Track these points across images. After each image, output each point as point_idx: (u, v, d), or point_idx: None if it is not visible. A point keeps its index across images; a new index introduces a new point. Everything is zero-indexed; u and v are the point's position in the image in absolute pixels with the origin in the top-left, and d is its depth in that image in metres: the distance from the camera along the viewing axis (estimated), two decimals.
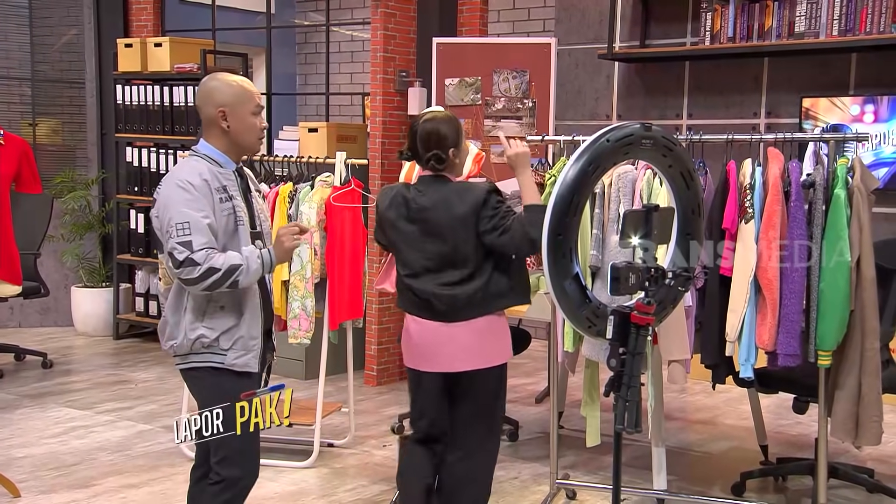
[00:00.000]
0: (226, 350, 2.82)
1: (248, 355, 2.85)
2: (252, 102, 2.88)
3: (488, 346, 3.20)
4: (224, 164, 2.88)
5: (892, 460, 4.65)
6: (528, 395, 5.86)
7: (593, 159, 2.99)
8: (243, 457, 2.86)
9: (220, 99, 2.86)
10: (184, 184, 2.75)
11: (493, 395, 3.28)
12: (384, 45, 5.84)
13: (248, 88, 2.90)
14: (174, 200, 2.73)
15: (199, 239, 2.69)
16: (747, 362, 3.62)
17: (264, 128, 2.94)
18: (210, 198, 2.77)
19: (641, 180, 3.72)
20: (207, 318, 2.81)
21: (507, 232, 3.05)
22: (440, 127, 3.17)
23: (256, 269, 2.77)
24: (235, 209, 2.83)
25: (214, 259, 2.69)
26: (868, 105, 5.54)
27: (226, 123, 2.86)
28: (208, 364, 2.83)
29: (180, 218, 2.70)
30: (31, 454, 4.58)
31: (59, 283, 7.33)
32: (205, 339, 2.81)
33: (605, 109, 6.63)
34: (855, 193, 3.43)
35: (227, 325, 2.82)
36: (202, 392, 2.87)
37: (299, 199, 4.41)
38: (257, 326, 2.88)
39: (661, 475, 3.91)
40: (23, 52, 7.56)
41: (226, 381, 2.82)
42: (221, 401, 2.75)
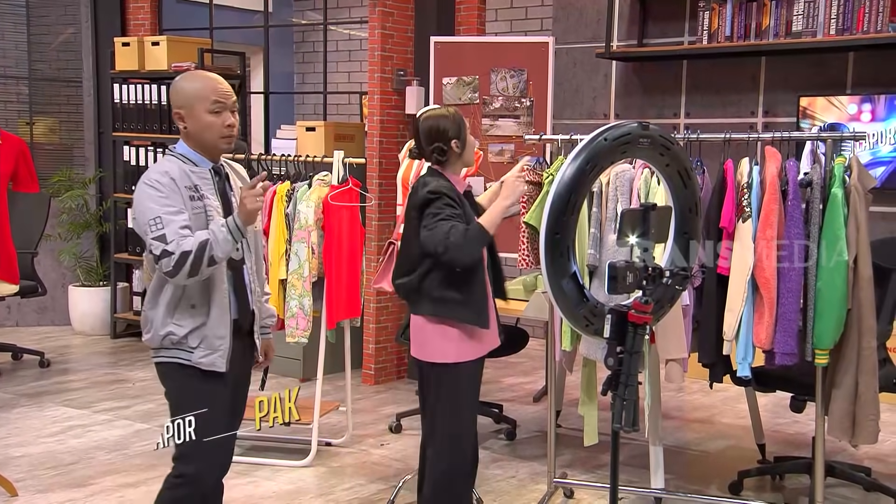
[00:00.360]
0: (193, 348, 2.83)
1: (214, 354, 2.84)
2: (208, 100, 2.82)
3: (428, 341, 3.23)
4: (198, 163, 2.87)
5: (889, 459, 4.66)
6: (525, 393, 5.86)
7: (591, 158, 2.99)
8: (200, 452, 2.83)
9: (176, 101, 2.86)
10: (151, 182, 2.76)
11: (434, 394, 3.26)
12: (382, 44, 5.84)
13: (204, 85, 2.83)
14: (144, 199, 2.76)
15: (171, 231, 2.71)
16: (745, 361, 3.63)
17: (229, 125, 2.86)
18: (179, 195, 2.77)
19: (639, 179, 3.73)
20: (178, 315, 2.82)
21: (429, 230, 3.08)
22: (439, 122, 3.26)
23: (224, 236, 2.73)
24: (206, 208, 2.82)
25: (184, 243, 2.70)
26: (865, 104, 5.55)
27: (183, 125, 2.86)
28: (176, 360, 2.85)
29: (151, 214, 2.72)
30: (29, 453, 4.58)
31: (57, 282, 7.33)
32: (174, 336, 2.83)
33: (602, 108, 6.63)
34: (852, 192, 3.43)
35: (196, 324, 2.82)
36: (169, 387, 2.92)
37: (297, 198, 4.41)
38: (225, 326, 2.86)
39: (659, 474, 3.92)
40: (20, 51, 7.56)
41: (192, 379, 2.85)
42: (186, 397, 2.84)
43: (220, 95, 2.84)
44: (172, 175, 2.78)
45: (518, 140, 5.50)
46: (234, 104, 2.89)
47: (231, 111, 2.88)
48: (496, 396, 5.70)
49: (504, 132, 5.58)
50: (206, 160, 2.89)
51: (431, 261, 3.13)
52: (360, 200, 4.55)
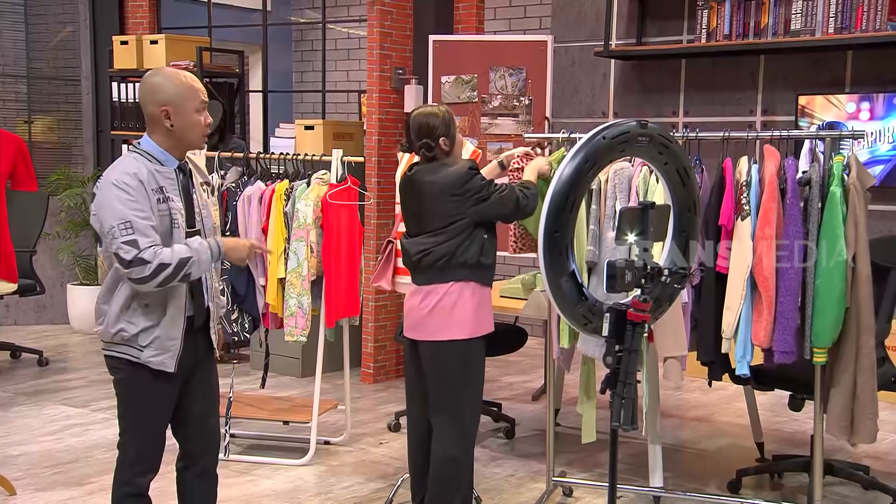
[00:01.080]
0: (143, 347, 2.84)
1: (164, 355, 2.85)
2: (196, 99, 2.85)
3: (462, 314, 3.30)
4: (165, 162, 2.85)
5: (888, 457, 4.66)
6: (524, 392, 5.86)
7: (590, 156, 2.99)
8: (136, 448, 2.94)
9: (163, 97, 2.82)
10: (120, 183, 2.73)
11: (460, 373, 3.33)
12: (381, 43, 5.83)
13: (192, 85, 2.86)
14: (112, 200, 2.72)
15: (144, 238, 2.70)
16: (743, 359, 3.63)
17: (209, 124, 2.91)
18: (147, 199, 2.75)
19: (638, 177, 3.73)
20: (130, 313, 2.82)
21: (500, 194, 3.32)
22: (429, 119, 3.37)
23: (206, 259, 2.81)
24: (171, 210, 2.81)
25: (163, 255, 2.71)
26: (864, 102, 5.55)
27: (169, 122, 2.83)
28: (126, 356, 2.86)
29: (121, 217, 2.70)
30: (27, 452, 4.58)
31: (55, 281, 7.33)
32: (125, 333, 2.83)
33: (601, 107, 6.63)
34: (851, 191, 3.43)
35: (147, 324, 2.83)
36: (117, 381, 2.94)
37: (296, 196, 4.41)
38: (178, 328, 2.86)
39: (658, 472, 3.92)
40: (18, 50, 7.55)
41: (141, 377, 2.87)
42: (131, 392, 2.90)
43: (204, 95, 2.89)
44: (140, 177, 2.75)
45: (517, 138, 5.49)
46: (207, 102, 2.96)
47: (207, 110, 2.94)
48: (495, 395, 5.70)
49: (503, 131, 5.58)
50: (172, 158, 2.87)
51: (474, 228, 3.29)
52: (358, 199, 4.55)
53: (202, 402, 3.04)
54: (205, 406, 3.05)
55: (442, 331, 3.30)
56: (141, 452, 2.94)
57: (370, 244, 5.78)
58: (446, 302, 3.29)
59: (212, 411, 3.09)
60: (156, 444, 2.95)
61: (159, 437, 2.95)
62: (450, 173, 3.30)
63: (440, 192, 3.29)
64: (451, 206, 3.28)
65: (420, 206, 3.36)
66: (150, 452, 2.95)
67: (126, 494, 2.97)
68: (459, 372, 3.33)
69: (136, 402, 2.91)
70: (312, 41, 9.58)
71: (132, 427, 2.94)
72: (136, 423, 2.93)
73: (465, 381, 3.34)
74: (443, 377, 3.34)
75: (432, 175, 3.33)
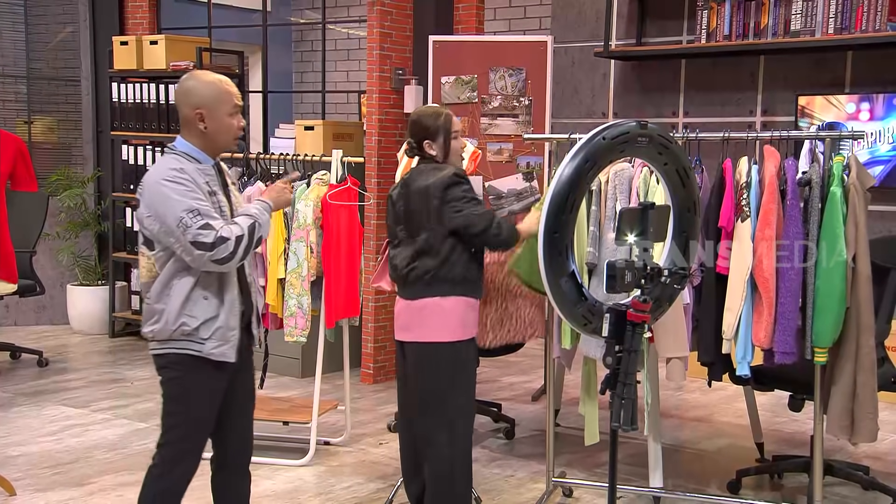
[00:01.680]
0: (205, 339, 2.87)
1: (225, 346, 2.90)
2: (230, 103, 2.91)
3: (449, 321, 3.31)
4: (203, 161, 2.92)
5: (887, 457, 4.66)
6: (524, 392, 5.86)
7: (589, 157, 2.99)
8: (191, 440, 2.94)
9: (197, 100, 2.89)
10: (172, 178, 2.80)
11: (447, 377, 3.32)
12: (380, 43, 5.84)
13: (226, 89, 2.91)
14: (169, 195, 2.78)
15: (215, 220, 2.80)
16: (744, 360, 3.63)
17: (242, 127, 2.96)
18: (199, 189, 2.84)
19: (638, 178, 3.73)
20: (190, 307, 2.86)
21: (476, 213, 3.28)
22: (423, 119, 3.42)
23: (266, 218, 2.95)
24: (219, 204, 2.90)
25: (234, 229, 2.82)
26: (864, 103, 5.55)
27: (203, 125, 2.89)
28: (186, 352, 2.88)
29: (186, 207, 2.77)
30: (27, 452, 4.58)
31: (55, 281, 7.33)
32: (186, 327, 2.86)
33: (601, 107, 6.63)
34: (851, 191, 3.43)
35: (209, 315, 2.87)
36: (171, 377, 2.93)
37: (295, 197, 4.41)
38: (236, 318, 2.93)
39: (658, 473, 3.92)
40: (18, 50, 7.55)
41: (199, 371, 2.89)
42: (192, 389, 2.90)
43: (238, 99, 2.94)
44: (189, 172, 2.84)
45: (517, 139, 5.50)
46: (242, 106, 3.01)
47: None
48: (495, 395, 5.70)
49: (503, 131, 5.58)
50: (208, 157, 2.95)
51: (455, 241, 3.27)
52: (358, 199, 4.55)
53: (242, 400, 3.08)
54: (244, 405, 3.10)
55: (428, 333, 3.30)
56: (186, 449, 2.94)
57: (370, 245, 5.78)
58: (434, 306, 3.29)
59: (250, 410, 3.14)
60: (202, 441, 2.97)
61: (206, 435, 2.98)
62: (437, 176, 3.30)
63: (424, 193, 3.30)
64: (432, 209, 3.28)
65: (407, 207, 3.37)
66: (195, 450, 2.96)
67: (164, 491, 2.94)
68: (445, 374, 3.32)
69: (192, 398, 2.91)
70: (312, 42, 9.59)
71: (183, 424, 2.93)
72: (189, 421, 2.93)
73: (452, 384, 3.33)
74: (427, 379, 3.34)
75: (421, 176, 3.35)
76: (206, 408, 2.94)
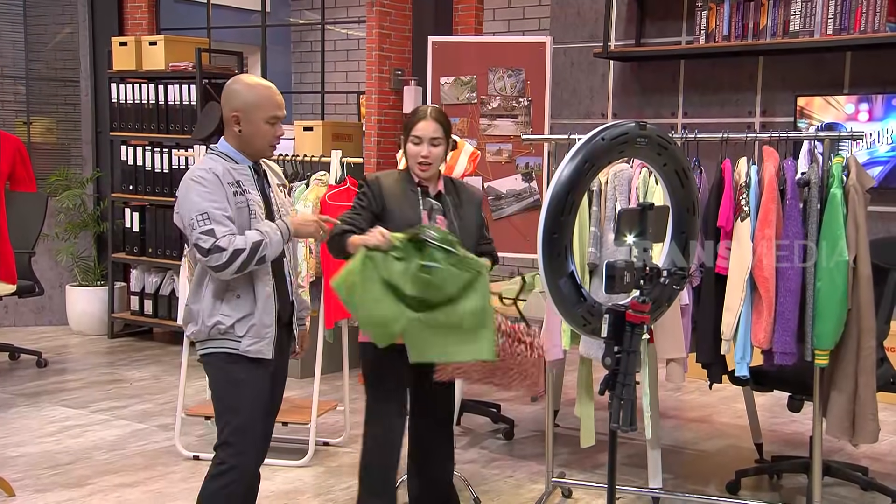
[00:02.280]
0: (241, 337, 2.92)
1: (261, 342, 2.94)
2: (268, 111, 2.95)
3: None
4: (239, 161, 2.98)
5: (886, 458, 4.66)
6: (523, 393, 5.86)
7: (588, 158, 2.99)
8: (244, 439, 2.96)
9: (235, 103, 2.96)
10: (197, 178, 2.88)
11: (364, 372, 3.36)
12: (379, 44, 5.84)
13: (266, 95, 2.96)
14: (190, 194, 2.86)
15: (221, 227, 2.82)
16: (743, 361, 3.63)
17: (279, 136, 3.01)
18: (223, 190, 2.88)
19: (637, 179, 3.73)
20: (224, 305, 2.92)
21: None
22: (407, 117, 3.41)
23: (277, 240, 2.90)
24: (249, 203, 2.93)
25: (237, 241, 2.82)
26: (863, 104, 5.55)
27: (238, 127, 2.96)
28: (223, 350, 2.94)
29: (198, 209, 2.83)
30: (26, 453, 4.57)
31: (54, 282, 7.32)
32: (221, 325, 2.91)
33: (600, 108, 6.63)
34: (850, 192, 3.43)
35: (243, 313, 2.92)
36: (216, 376, 2.99)
37: (295, 197, 4.41)
38: (271, 315, 2.96)
39: (657, 474, 3.92)
40: (17, 51, 7.55)
41: (238, 368, 2.94)
42: (231, 386, 2.94)
43: (278, 110, 2.98)
44: (216, 171, 2.90)
45: (516, 139, 5.50)
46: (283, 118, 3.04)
47: (281, 123, 3.03)
48: (494, 396, 5.70)
49: (502, 132, 5.58)
50: (245, 158, 3.00)
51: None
52: None
53: (273, 404, 3.10)
54: (273, 410, 3.13)
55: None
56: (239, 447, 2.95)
57: None
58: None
59: (275, 416, 3.16)
60: (255, 438, 2.99)
61: (256, 432, 2.99)
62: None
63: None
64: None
65: None
66: (248, 449, 2.97)
67: (227, 493, 2.95)
68: (366, 374, 3.35)
69: (235, 396, 2.94)
70: (311, 42, 9.59)
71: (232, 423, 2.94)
72: (236, 419, 2.94)
73: (368, 383, 3.35)
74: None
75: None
76: (251, 405, 2.96)
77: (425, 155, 3.19)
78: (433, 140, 3.20)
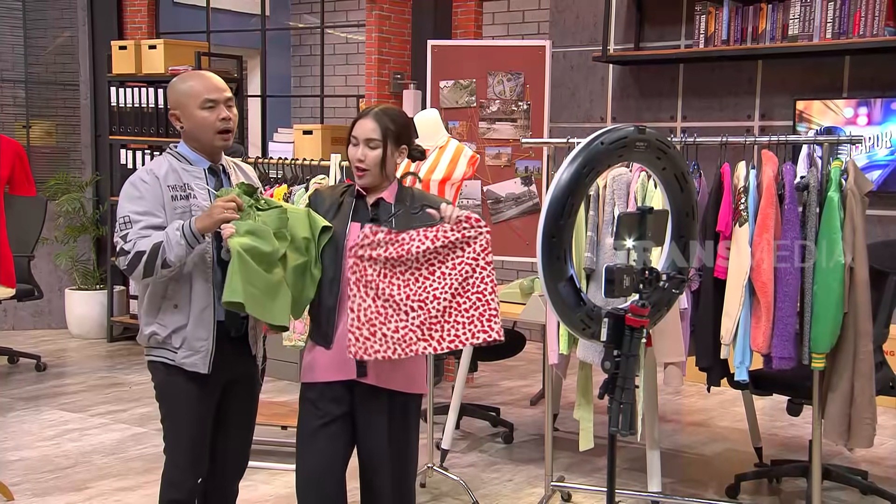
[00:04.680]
0: (176, 348, 2.82)
1: (196, 356, 2.81)
2: (199, 97, 2.80)
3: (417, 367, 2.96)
4: (194, 162, 2.87)
5: (886, 462, 4.66)
6: (522, 397, 5.86)
7: (587, 161, 2.99)
8: (175, 454, 2.91)
9: (170, 102, 2.88)
10: (135, 180, 2.79)
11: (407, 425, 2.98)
12: (379, 48, 5.85)
13: (191, 84, 2.82)
14: (121, 198, 2.80)
15: (134, 231, 2.72)
16: (742, 365, 3.63)
17: (224, 119, 2.82)
18: (159, 195, 2.76)
19: (636, 183, 3.73)
20: (161, 315, 2.82)
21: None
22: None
23: (178, 241, 2.67)
24: (192, 207, 2.79)
25: (140, 243, 2.70)
26: (861, 108, 5.56)
27: (180, 124, 2.86)
28: (161, 360, 2.86)
29: (122, 213, 2.76)
30: (25, 457, 4.57)
31: (53, 286, 7.32)
32: (157, 336, 2.83)
33: (599, 112, 6.63)
34: (849, 196, 3.43)
35: (177, 325, 2.81)
36: (156, 386, 2.93)
37: (294, 201, 4.40)
38: (206, 328, 2.81)
39: (656, 477, 3.92)
40: (16, 54, 7.55)
41: (176, 380, 2.85)
42: (169, 398, 2.88)
43: (210, 92, 2.81)
44: (157, 173, 2.79)
45: (515, 143, 5.50)
46: (228, 99, 2.86)
47: (226, 105, 2.84)
48: (493, 400, 5.70)
49: (501, 135, 5.58)
50: (203, 160, 2.88)
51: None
52: None
53: (238, 414, 3.00)
54: (238, 424, 3.02)
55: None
56: (181, 460, 2.90)
57: None
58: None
59: (245, 427, 3.06)
60: (198, 450, 2.91)
61: (198, 442, 2.91)
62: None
63: None
64: None
65: None
66: (189, 457, 2.90)
67: (170, 501, 2.93)
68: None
69: (173, 405, 2.89)
70: (311, 46, 9.59)
71: (171, 433, 2.91)
72: (175, 430, 2.90)
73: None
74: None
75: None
76: (188, 417, 2.87)
77: (360, 158, 2.80)
78: (369, 141, 2.79)
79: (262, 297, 2.67)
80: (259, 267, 2.67)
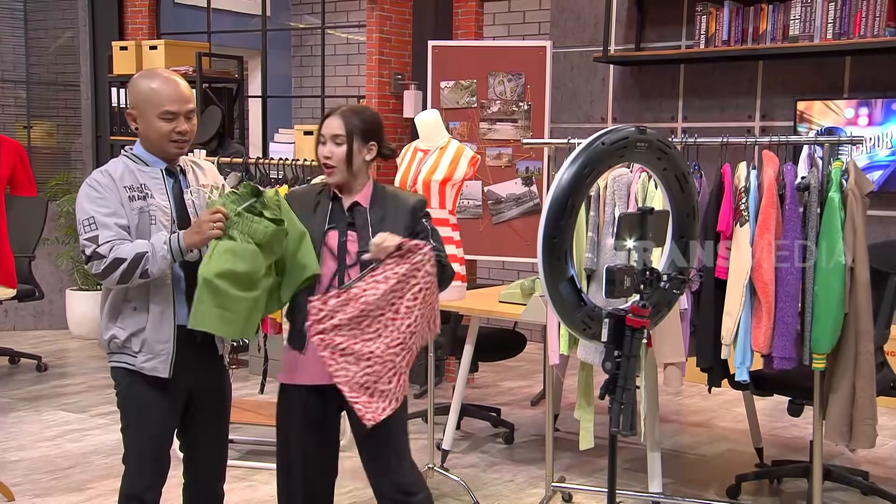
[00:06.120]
0: (136, 352, 2.76)
1: (156, 360, 2.75)
2: (159, 108, 2.70)
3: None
4: (150, 163, 2.78)
5: (887, 463, 4.66)
6: (523, 397, 5.86)
7: (588, 162, 2.99)
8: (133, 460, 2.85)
9: (130, 100, 2.79)
10: (92, 181, 2.71)
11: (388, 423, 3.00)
12: (380, 48, 5.85)
13: (158, 91, 2.71)
14: (81, 198, 2.71)
15: (106, 233, 2.64)
16: (743, 365, 3.63)
17: (180, 132, 2.73)
18: (117, 195, 2.69)
19: (636, 183, 3.73)
20: (120, 318, 2.75)
21: None
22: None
23: (164, 255, 2.63)
24: (150, 208, 2.72)
25: (119, 250, 2.63)
26: (862, 108, 5.56)
27: (135, 125, 2.77)
28: (122, 365, 2.80)
29: (85, 214, 2.67)
30: (26, 458, 4.57)
31: (54, 286, 7.32)
32: (117, 339, 2.77)
33: (600, 112, 6.63)
34: (849, 196, 3.43)
35: (136, 327, 2.74)
36: (117, 392, 2.87)
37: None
38: (167, 331, 2.74)
39: (657, 478, 3.92)
40: (17, 55, 7.56)
41: (138, 385, 2.79)
42: (132, 403, 2.81)
43: (172, 104, 2.71)
44: (113, 174, 2.71)
45: (516, 144, 5.50)
46: (189, 111, 2.76)
47: (185, 117, 2.75)
48: (494, 400, 5.70)
49: (502, 136, 5.59)
50: (159, 161, 2.79)
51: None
52: None
53: (209, 417, 2.95)
54: (212, 422, 2.97)
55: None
56: (143, 466, 2.84)
57: None
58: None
59: (219, 428, 3.01)
60: (159, 457, 2.85)
61: (162, 450, 2.85)
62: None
63: None
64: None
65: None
66: (153, 466, 2.84)
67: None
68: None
69: (135, 412, 2.82)
70: (312, 46, 9.59)
71: (133, 439, 2.84)
72: (137, 436, 2.83)
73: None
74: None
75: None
76: (150, 422, 2.80)
77: (326, 155, 2.81)
78: (335, 138, 2.80)
79: (237, 320, 2.67)
80: (236, 290, 2.64)
